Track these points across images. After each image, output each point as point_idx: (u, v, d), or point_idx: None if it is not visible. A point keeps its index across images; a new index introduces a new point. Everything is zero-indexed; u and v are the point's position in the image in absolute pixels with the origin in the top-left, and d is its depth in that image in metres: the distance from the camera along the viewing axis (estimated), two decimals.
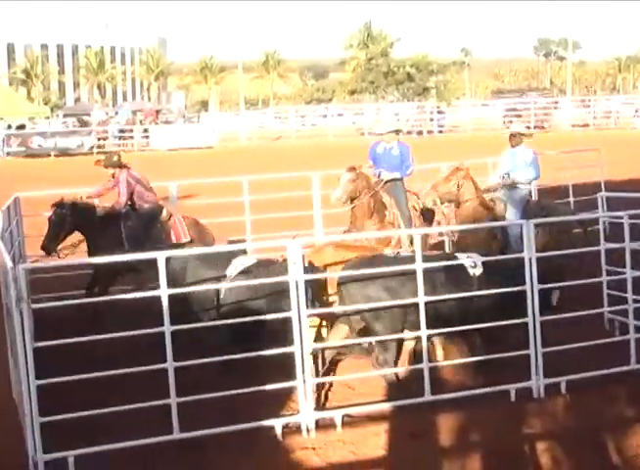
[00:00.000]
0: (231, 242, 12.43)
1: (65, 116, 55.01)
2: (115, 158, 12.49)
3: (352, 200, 11.63)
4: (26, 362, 7.35)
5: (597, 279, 9.84)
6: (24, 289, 7.38)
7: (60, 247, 11.90)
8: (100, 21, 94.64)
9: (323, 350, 9.20)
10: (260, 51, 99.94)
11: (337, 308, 8.87)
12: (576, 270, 9.96)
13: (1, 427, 8.32)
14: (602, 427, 8.04)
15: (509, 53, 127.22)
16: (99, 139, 43.35)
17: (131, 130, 44.69)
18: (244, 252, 10.00)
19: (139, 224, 12.01)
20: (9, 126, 45.77)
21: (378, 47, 77.81)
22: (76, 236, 12.22)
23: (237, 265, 9.35)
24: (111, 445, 7.58)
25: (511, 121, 48.66)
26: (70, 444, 7.54)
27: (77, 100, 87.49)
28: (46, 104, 70.84)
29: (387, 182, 12.02)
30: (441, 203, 12.17)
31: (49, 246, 11.68)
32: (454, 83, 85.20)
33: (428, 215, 12.62)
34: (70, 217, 11.76)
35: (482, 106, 63.78)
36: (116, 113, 50.65)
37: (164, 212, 12.27)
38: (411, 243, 11.77)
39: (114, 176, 12.33)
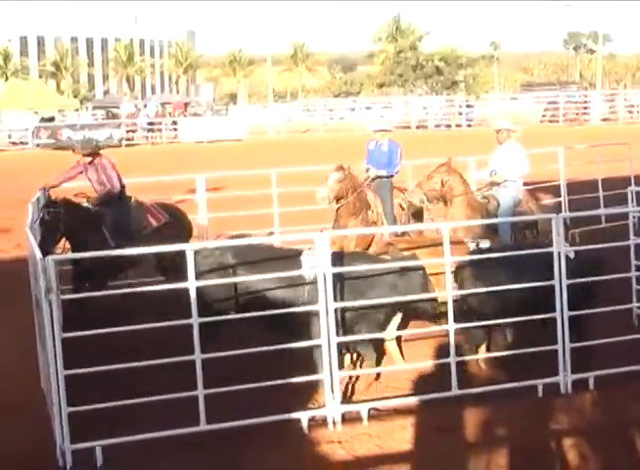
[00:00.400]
0: (233, 237, 12.43)
1: (94, 108, 55.26)
2: (94, 143, 12.45)
3: (338, 200, 11.60)
4: (55, 353, 7.40)
5: (626, 274, 9.75)
6: (54, 280, 7.43)
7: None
8: (129, 14, 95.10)
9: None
10: (289, 44, 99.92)
11: (365, 301, 8.82)
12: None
13: (29, 417, 8.39)
14: (630, 423, 7.98)
15: (538, 46, 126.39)
16: (128, 132, 43.52)
17: (160, 123, 44.81)
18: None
19: (116, 216, 11.52)
20: (42, 119, 46.10)
21: (406, 40, 77.54)
22: None
23: (310, 264, 8.79)
24: (138, 435, 7.63)
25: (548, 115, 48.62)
26: (98, 434, 7.59)
27: (106, 92, 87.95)
28: (75, 96, 71.32)
29: (374, 180, 12.01)
30: (429, 201, 11.86)
31: (48, 248, 10.38)
32: (483, 77, 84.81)
33: (417, 213, 12.57)
34: (65, 217, 11.15)
35: (512, 99, 63.46)
36: (145, 105, 50.77)
37: (132, 199, 12.06)
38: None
39: (91, 163, 11.82)
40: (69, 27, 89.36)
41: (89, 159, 11.82)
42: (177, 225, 11.89)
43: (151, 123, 44.98)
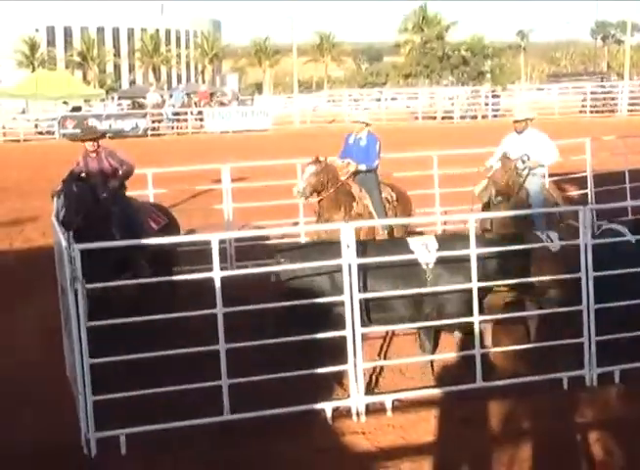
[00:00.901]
0: (242, 227, 12.38)
1: (120, 98, 55.37)
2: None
3: (319, 193, 11.44)
4: (80, 341, 7.44)
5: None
6: (79, 269, 7.46)
7: None
8: (155, 4, 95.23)
9: None
10: (315, 34, 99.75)
11: (390, 292, 8.78)
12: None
13: (55, 405, 8.45)
14: None
15: (566, 36, 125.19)
16: (153, 122, 43.61)
17: (185, 113, 44.86)
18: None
19: (123, 216, 10.94)
20: (73, 108, 46.34)
21: (433, 31, 77.29)
22: None
23: (427, 248, 8.90)
24: (162, 424, 7.66)
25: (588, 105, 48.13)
26: (122, 423, 7.63)
27: (132, 83, 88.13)
28: (101, 86, 71.50)
29: (356, 173, 11.90)
30: (496, 197, 11.68)
31: (74, 220, 9.96)
32: (509, 67, 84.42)
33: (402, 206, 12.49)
34: (91, 195, 10.65)
35: (538, 90, 63.07)
36: (171, 95, 50.79)
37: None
38: (388, 233, 11.72)
39: (96, 151, 11.30)
40: (96, 18, 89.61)
41: (91, 148, 11.28)
42: (172, 228, 11.70)
43: (176, 113, 44.99)
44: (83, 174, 11.10)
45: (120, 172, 11.19)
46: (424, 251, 8.83)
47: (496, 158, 12.31)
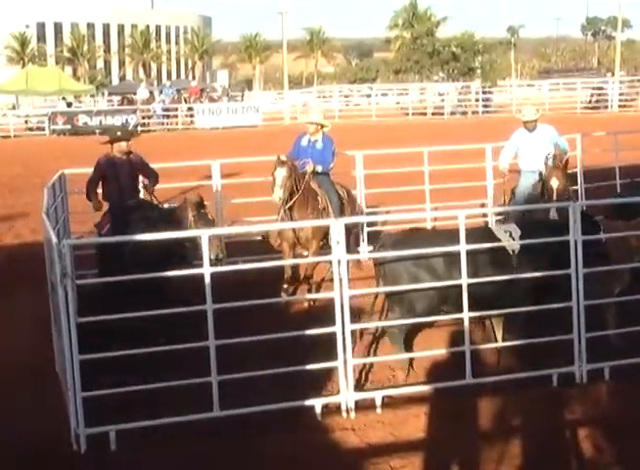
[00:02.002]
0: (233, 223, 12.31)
1: (110, 94, 55.35)
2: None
3: (291, 195, 11.27)
4: (70, 337, 7.42)
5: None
6: (69, 264, 7.44)
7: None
8: (145, 0, 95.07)
9: None
10: (305, 30, 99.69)
11: (379, 289, 8.79)
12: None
13: (44, 401, 8.42)
14: None
15: (556, 32, 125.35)
16: (143, 118, 43.55)
17: (175, 109, 44.81)
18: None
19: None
20: (69, 104, 46.31)
21: (423, 26, 77.27)
22: None
23: (512, 235, 8.94)
24: (152, 420, 7.65)
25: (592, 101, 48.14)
26: (112, 419, 7.61)
27: (122, 79, 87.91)
28: (92, 82, 71.39)
29: (314, 174, 11.84)
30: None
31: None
32: (500, 63, 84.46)
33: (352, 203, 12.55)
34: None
35: (528, 86, 63.14)
36: (161, 92, 50.76)
37: None
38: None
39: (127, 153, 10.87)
40: (86, 14, 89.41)
41: (126, 149, 10.82)
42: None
43: (166, 109, 44.96)
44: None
45: (151, 181, 10.94)
46: (509, 238, 8.89)
47: (508, 156, 12.42)
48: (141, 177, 11.20)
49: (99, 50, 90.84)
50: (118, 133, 10.71)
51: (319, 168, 11.84)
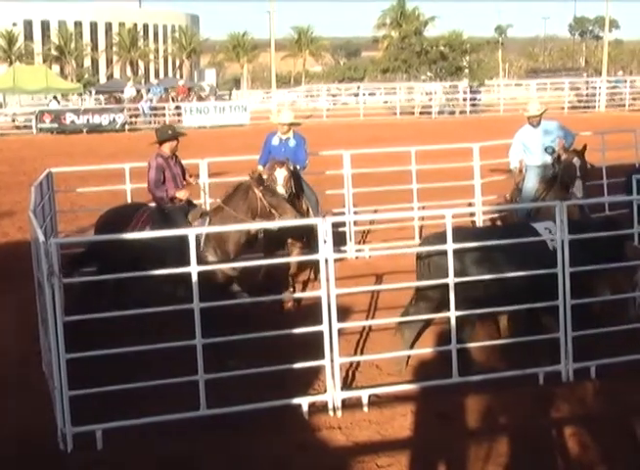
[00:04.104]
0: None
1: (97, 93, 55.17)
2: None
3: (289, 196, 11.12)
4: (57, 336, 7.41)
5: (629, 263, 9.72)
6: (56, 263, 7.43)
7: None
8: None
9: None
10: (293, 29, 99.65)
11: (367, 288, 8.82)
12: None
13: (31, 400, 8.41)
14: (631, 413, 7.97)
15: (544, 32, 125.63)
16: (131, 116, 43.45)
17: (163, 108, 44.72)
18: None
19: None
20: (57, 101, 46.18)
21: (411, 26, 77.23)
22: None
23: (550, 232, 9.00)
24: (138, 419, 7.64)
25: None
26: (99, 418, 7.60)
27: (110, 77, 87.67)
28: (79, 81, 71.10)
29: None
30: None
31: None
32: (487, 63, 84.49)
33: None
34: None
35: (516, 85, 63.24)
36: (149, 90, 50.64)
37: None
38: None
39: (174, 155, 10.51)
40: (74, 12, 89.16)
41: (175, 149, 10.48)
42: None
43: (154, 108, 44.87)
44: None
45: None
46: (549, 235, 8.95)
47: (516, 154, 12.47)
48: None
49: (86, 48, 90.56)
50: (169, 132, 10.53)
51: (296, 167, 11.84)
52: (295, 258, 11.29)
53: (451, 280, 8.46)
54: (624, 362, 8.75)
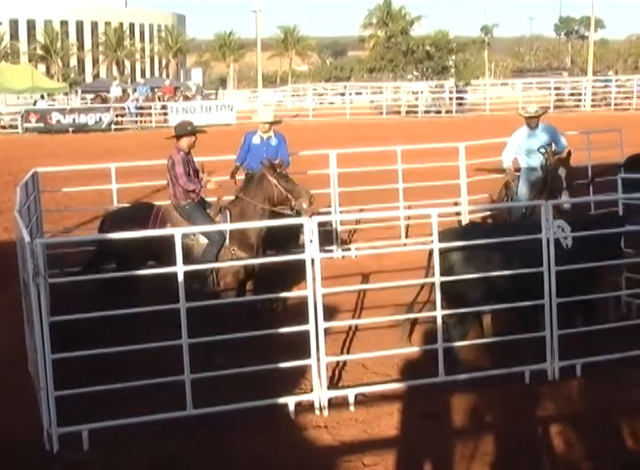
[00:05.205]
0: None
1: (83, 92, 55.04)
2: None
3: None
4: (42, 336, 7.39)
5: (615, 262, 9.75)
6: (42, 263, 7.41)
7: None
8: None
9: None
10: (279, 28, 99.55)
11: (352, 287, 8.83)
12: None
13: (16, 400, 8.38)
14: (616, 411, 8.00)
15: (529, 32, 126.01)
16: (117, 116, 43.37)
17: (149, 107, 44.65)
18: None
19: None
20: (35, 102, 46.00)
21: (397, 25, 77.37)
22: None
23: (563, 230, 9.16)
24: (124, 419, 7.63)
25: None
26: (85, 418, 7.59)
27: (96, 76, 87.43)
28: (65, 80, 70.91)
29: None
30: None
31: None
32: (473, 62, 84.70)
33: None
34: None
35: (502, 85, 63.38)
36: (135, 90, 50.56)
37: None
38: None
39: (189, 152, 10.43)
40: (60, 11, 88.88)
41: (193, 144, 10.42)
42: None
43: (140, 108, 44.79)
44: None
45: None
46: (562, 233, 9.09)
47: (510, 154, 12.51)
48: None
49: (72, 48, 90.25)
50: (188, 128, 10.54)
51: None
52: (281, 258, 11.27)
53: (437, 279, 8.48)
54: (609, 360, 8.79)
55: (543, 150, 11.93)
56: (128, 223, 9.79)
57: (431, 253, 8.89)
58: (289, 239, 11.62)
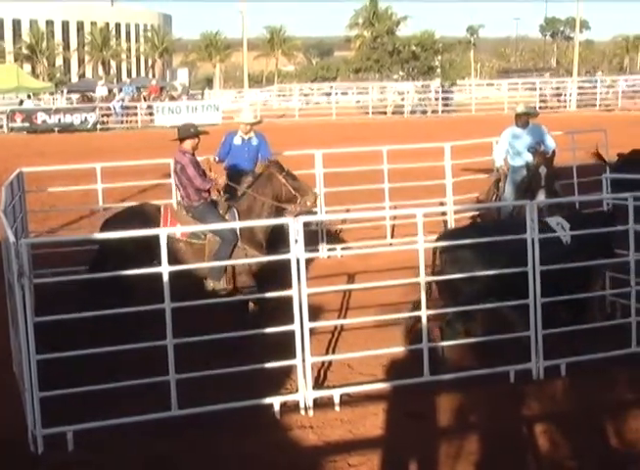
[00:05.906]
0: None
1: (69, 92, 54.89)
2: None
3: None
4: (27, 337, 7.37)
5: (599, 261, 9.80)
6: (26, 264, 7.38)
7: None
8: None
9: None
10: (265, 28, 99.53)
11: (338, 287, 8.83)
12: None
13: (1, 401, 8.35)
14: (601, 410, 8.04)
15: (515, 32, 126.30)
16: (103, 116, 43.27)
17: (135, 107, 44.56)
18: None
19: None
20: (21, 102, 45.85)
21: (383, 26, 77.45)
22: None
23: (562, 227, 9.30)
24: (109, 420, 7.61)
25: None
26: (70, 419, 7.56)
27: (82, 76, 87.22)
28: (50, 80, 70.71)
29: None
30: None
31: None
32: (459, 63, 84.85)
33: None
34: None
35: (488, 85, 63.51)
36: (121, 89, 50.45)
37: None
38: None
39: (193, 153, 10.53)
40: (45, 11, 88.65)
41: (196, 146, 10.51)
42: None
43: (126, 108, 44.69)
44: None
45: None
46: (561, 230, 9.23)
47: (501, 153, 12.59)
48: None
49: (58, 47, 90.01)
50: (192, 130, 10.52)
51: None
52: (266, 258, 11.27)
53: (422, 279, 8.49)
54: (594, 360, 8.83)
55: (533, 150, 11.99)
56: (139, 223, 9.79)
57: (435, 251, 8.98)
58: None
